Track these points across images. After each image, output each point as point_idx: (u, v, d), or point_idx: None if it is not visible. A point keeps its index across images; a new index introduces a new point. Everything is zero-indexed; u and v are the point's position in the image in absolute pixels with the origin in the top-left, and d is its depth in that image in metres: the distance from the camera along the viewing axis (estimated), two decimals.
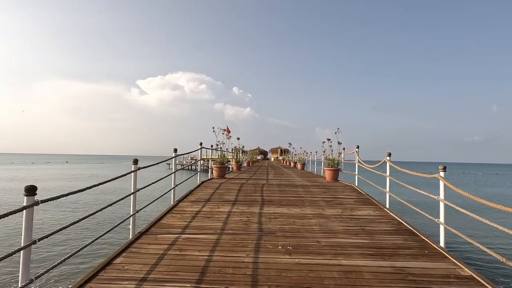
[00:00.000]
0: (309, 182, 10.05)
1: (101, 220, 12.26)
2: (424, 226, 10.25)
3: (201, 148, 9.11)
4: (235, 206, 5.82)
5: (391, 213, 5.46)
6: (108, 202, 3.69)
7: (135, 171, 4.15)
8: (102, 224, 11.84)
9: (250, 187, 8.22)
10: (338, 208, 5.83)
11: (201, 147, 9.08)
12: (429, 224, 11.03)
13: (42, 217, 13.14)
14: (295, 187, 8.51)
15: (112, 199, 15.15)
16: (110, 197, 18.02)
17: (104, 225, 11.74)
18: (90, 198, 18.08)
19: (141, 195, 6.15)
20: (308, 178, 11.96)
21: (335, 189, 8.08)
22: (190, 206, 5.76)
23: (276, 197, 6.83)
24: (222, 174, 10.59)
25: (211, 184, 8.77)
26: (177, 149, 6.13)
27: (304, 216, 5.16)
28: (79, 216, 11.09)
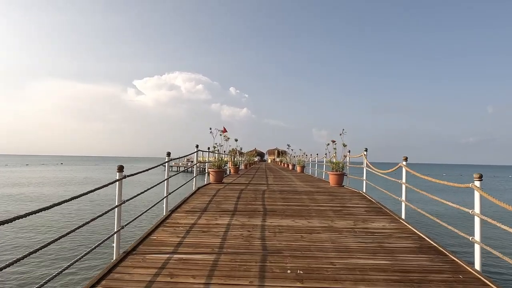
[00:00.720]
0: (313, 187, 9.54)
1: (82, 238, 10.42)
2: (447, 240, 9.68)
3: (197, 151, 8.59)
4: (235, 217, 5.29)
5: (408, 226, 4.96)
6: (93, 214, 3.17)
7: (120, 180, 3.62)
8: (82, 243, 10.02)
9: (250, 194, 7.70)
10: (349, 219, 5.32)
11: (197, 150, 8.55)
12: (453, 238, 10.18)
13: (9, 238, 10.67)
14: (299, 193, 8.00)
15: (99, 210, 14.48)
16: (98, 207, 16.83)
17: (84, 243, 9.97)
18: (73, 208, 16.00)
19: (128, 205, 5.52)
20: (310, 182, 11.46)
21: (342, 196, 7.58)
22: (184, 218, 5.22)
23: (279, 206, 6.31)
24: (219, 178, 10.06)
25: (208, 190, 8.24)
26: (170, 152, 5.60)
27: (312, 230, 4.64)
28: (54, 235, 10.30)
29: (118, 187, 3.62)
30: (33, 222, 12.79)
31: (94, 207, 16.93)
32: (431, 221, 4.93)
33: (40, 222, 13.02)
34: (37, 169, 60.22)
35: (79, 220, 13.52)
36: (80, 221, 10.73)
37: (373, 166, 7.89)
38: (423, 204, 16.64)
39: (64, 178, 38.51)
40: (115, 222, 3.66)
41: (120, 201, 3.63)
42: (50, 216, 14.10)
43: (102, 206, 17.16)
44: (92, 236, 10.64)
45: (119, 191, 3.64)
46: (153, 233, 4.35)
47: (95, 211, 14.13)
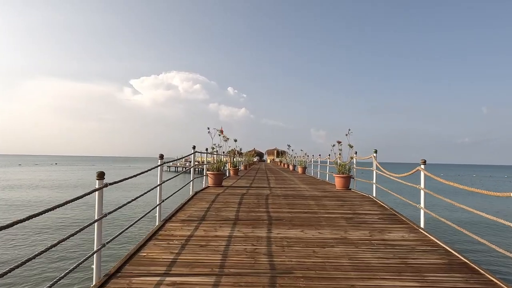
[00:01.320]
0: (318, 191, 9.06)
1: (57, 258, 8.64)
2: (478, 256, 8.85)
3: (194, 152, 8.09)
4: (237, 228, 4.79)
5: (430, 237, 4.48)
6: (75, 226, 2.66)
7: (100, 189, 3.11)
8: (57, 265, 8.21)
9: (252, 199, 7.20)
10: (363, 228, 4.83)
11: (194, 152, 8.05)
12: (483, 251, 9.28)
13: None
14: (305, 198, 7.51)
15: (86, 217, 13.73)
16: (86, 214, 15.16)
17: (59, 265, 8.14)
18: (55, 217, 13.61)
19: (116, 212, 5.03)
20: (314, 185, 10.98)
21: (352, 201, 7.10)
22: (179, 228, 4.72)
23: (285, 213, 5.82)
24: (218, 182, 9.56)
25: (206, 195, 7.74)
26: (163, 155, 5.11)
27: (325, 243, 4.15)
28: (22, 253, 8.63)
29: (98, 198, 3.11)
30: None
31: (83, 212, 15.92)
32: (451, 230, 4.50)
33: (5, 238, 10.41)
34: (30, 169, 59.87)
35: (58, 233, 11.32)
36: (56, 237, 9.72)
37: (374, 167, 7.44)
38: (439, 209, 16.00)
39: (56, 180, 37.80)
40: (95, 240, 3.15)
41: (100, 214, 3.12)
42: (18, 231, 11.02)
43: (90, 212, 16.47)
44: (70, 255, 8.87)
45: (99, 202, 3.13)
46: (143, 249, 3.85)
47: (79, 222, 12.63)
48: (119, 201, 17.01)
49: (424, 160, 5.13)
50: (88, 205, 17.15)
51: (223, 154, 17.52)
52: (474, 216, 14.91)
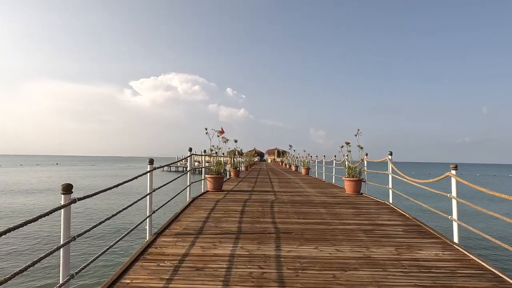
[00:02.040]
0: (327, 196, 8.41)
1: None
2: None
3: (191, 155, 7.44)
4: (240, 243, 4.15)
5: (470, 255, 3.83)
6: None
7: (66, 207, 2.47)
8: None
9: (255, 207, 6.56)
10: (387, 244, 4.19)
11: (190, 154, 7.41)
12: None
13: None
14: (314, 205, 6.86)
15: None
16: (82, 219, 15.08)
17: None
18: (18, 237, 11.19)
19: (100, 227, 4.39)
20: (322, 189, 10.34)
21: (367, 209, 6.45)
22: (173, 245, 4.08)
23: (294, 224, 5.17)
24: (218, 186, 8.92)
25: (205, 202, 7.10)
26: (153, 160, 4.47)
27: (345, 264, 3.51)
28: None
29: (65, 217, 2.47)
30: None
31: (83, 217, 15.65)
32: (486, 243, 3.89)
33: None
34: (31, 169, 60.44)
35: (20, 258, 8.97)
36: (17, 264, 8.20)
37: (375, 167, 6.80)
38: (466, 217, 15.03)
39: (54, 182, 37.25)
40: (61, 270, 2.50)
41: (67, 237, 2.48)
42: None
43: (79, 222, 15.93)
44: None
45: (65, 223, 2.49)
46: (128, 273, 3.21)
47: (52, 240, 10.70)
48: (112, 209, 16.33)
49: (455, 165, 4.48)
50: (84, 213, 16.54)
51: (222, 155, 16.90)
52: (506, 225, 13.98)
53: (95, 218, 14.65)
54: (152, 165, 4.51)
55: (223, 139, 9.61)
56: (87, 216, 15.39)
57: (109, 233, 11.86)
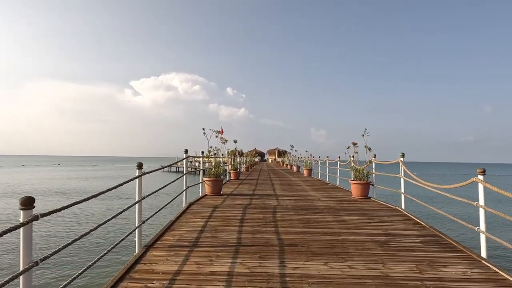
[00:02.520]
0: (333, 200, 7.96)
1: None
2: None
3: (187, 157, 7.01)
4: (239, 258, 3.72)
5: (502, 273, 3.39)
6: None
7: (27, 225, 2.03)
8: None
9: (256, 213, 6.12)
10: (406, 259, 3.74)
11: (186, 156, 6.97)
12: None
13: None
14: (319, 212, 6.42)
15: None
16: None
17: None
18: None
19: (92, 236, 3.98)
20: (326, 192, 9.89)
21: (378, 216, 6.01)
22: (164, 260, 3.64)
23: (300, 234, 4.73)
24: (217, 189, 8.49)
25: (202, 207, 6.66)
26: (142, 163, 4.04)
27: (361, 284, 3.07)
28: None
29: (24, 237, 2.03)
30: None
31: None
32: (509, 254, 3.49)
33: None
34: (33, 170, 60.89)
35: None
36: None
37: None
38: (490, 225, 14.09)
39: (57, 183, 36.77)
40: None
41: (28, 263, 2.04)
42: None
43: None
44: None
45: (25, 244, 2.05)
46: None
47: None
48: (99, 215, 15.02)
49: (483, 170, 4.04)
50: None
51: (222, 157, 16.46)
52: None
53: (70, 234, 11.96)
54: (141, 170, 4.07)
55: (221, 139, 9.18)
56: (67, 228, 13.10)
57: (89, 248, 10.02)
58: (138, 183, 4.07)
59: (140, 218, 4.09)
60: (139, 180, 4.05)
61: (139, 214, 4.07)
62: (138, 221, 4.05)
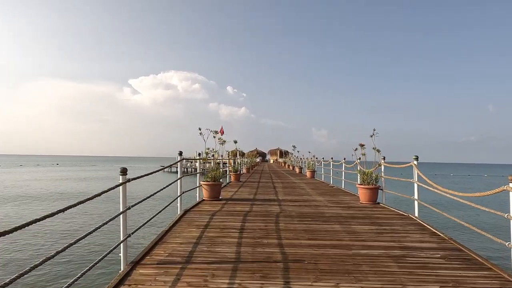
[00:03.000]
0: (340, 206, 7.52)
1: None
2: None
3: (182, 160, 6.59)
4: (238, 277, 3.29)
5: None
6: None
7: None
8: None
9: (257, 222, 5.69)
10: (428, 279, 3.31)
11: (181, 159, 6.55)
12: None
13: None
14: (326, 220, 5.98)
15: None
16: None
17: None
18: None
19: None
20: (332, 197, 9.46)
21: (390, 225, 5.56)
22: (152, 279, 3.22)
23: (305, 247, 4.29)
24: (215, 194, 8.07)
25: (199, 215, 6.23)
26: (126, 168, 3.63)
27: None
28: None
29: None
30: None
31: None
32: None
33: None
34: (31, 170, 60.77)
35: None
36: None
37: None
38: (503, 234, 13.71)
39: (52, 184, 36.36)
40: None
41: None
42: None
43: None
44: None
45: None
46: None
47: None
48: (85, 223, 14.23)
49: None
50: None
51: (221, 158, 16.02)
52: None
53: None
54: (125, 176, 3.65)
55: (219, 140, 8.74)
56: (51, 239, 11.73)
57: (66, 267, 8.54)
58: (122, 192, 3.65)
59: (125, 231, 3.67)
60: (123, 188, 3.63)
61: (124, 227, 3.65)
62: (123, 234, 3.63)
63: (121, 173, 3.67)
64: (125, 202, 3.70)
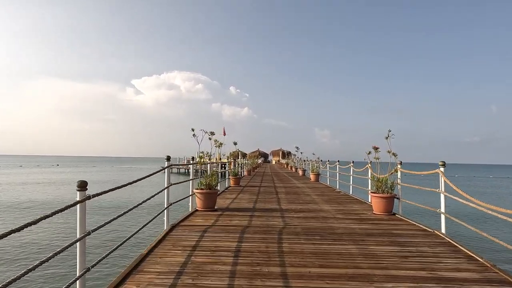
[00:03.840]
0: (351, 218, 6.70)
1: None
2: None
3: (170, 166, 5.78)
4: None
5: None
6: None
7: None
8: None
9: (256, 241, 4.86)
10: None
11: (168, 165, 5.75)
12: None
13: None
14: (338, 237, 5.13)
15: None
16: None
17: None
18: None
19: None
20: (340, 205, 8.64)
21: (415, 244, 4.73)
22: None
23: (316, 279, 3.46)
24: (210, 203, 7.26)
25: (188, 232, 5.41)
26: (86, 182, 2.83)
27: None
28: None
29: None
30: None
31: None
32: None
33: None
34: (31, 171, 60.38)
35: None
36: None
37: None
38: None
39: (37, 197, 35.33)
40: None
41: None
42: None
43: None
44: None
45: None
46: None
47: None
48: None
49: None
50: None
51: (219, 162, 15.24)
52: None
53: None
54: (83, 192, 2.85)
55: (215, 143, 7.94)
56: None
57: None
58: (80, 212, 2.84)
59: (83, 264, 2.86)
60: (81, 208, 2.83)
61: (81, 259, 2.85)
62: (79, 269, 2.83)
63: (79, 188, 2.87)
64: (84, 226, 2.90)
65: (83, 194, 2.91)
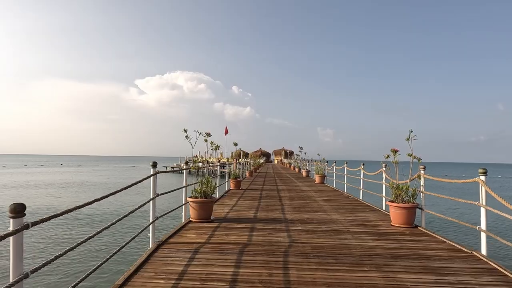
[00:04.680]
0: (368, 232, 5.86)
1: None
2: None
3: (156, 173, 4.99)
4: None
5: None
6: None
7: None
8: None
9: (257, 266, 4.04)
10: None
11: (155, 172, 4.95)
12: None
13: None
14: (357, 261, 4.29)
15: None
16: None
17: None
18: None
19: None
20: (351, 213, 7.82)
21: (453, 270, 3.89)
22: None
23: None
24: (205, 214, 6.46)
25: (175, 251, 4.60)
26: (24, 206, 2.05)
27: None
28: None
29: None
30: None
31: None
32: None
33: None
34: (35, 171, 60.80)
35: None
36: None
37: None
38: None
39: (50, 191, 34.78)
40: None
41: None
42: None
43: None
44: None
45: None
46: None
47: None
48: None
49: None
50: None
51: (218, 164, 14.48)
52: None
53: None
54: (20, 219, 2.07)
55: (212, 145, 7.13)
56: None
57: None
58: (15, 247, 2.05)
59: None
60: (16, 241, 2.04)
61: None
62: None
63: (13, 215, 2.07)
64: (20, 266, 2.11)
65: (19, 222, 2.13)
